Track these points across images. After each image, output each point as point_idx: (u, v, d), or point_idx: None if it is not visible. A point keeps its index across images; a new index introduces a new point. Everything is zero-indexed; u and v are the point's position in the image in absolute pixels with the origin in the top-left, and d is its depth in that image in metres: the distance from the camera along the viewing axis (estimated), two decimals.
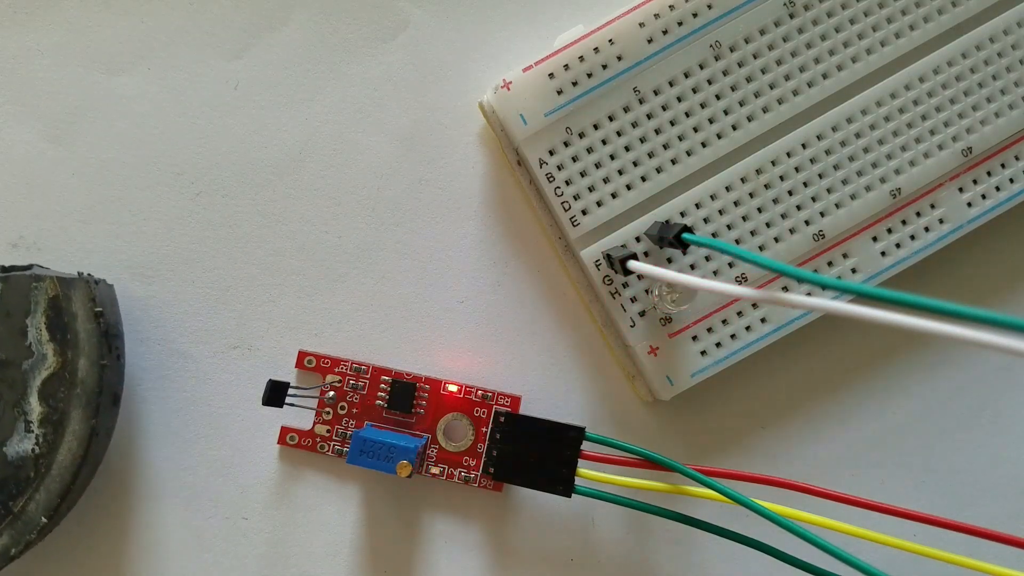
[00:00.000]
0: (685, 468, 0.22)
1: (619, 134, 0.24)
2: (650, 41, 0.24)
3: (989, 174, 0.25)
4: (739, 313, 0.24)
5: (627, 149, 0.24)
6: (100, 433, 0.23)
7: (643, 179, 0.24)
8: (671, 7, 0.24)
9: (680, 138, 0.24)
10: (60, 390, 0.22)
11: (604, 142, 0.24)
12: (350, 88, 0.26)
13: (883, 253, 0.24)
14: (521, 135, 0.24)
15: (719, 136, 0.24)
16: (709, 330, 0.24)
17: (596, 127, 0.24)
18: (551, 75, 0.24)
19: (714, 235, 0.24)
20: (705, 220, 0.24)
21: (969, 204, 0.24)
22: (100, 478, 0.25)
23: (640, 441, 0.25)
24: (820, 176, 0.24)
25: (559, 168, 0.24)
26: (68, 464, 0.22)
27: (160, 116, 0.26)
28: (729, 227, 0.24)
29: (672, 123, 0.24)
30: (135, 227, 0.26)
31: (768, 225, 0.24)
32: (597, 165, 0.24)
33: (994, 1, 0.24)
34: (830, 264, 0.24)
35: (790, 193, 0.24)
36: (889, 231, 0.24)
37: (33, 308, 0.23)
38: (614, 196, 0.24)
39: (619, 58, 0.24)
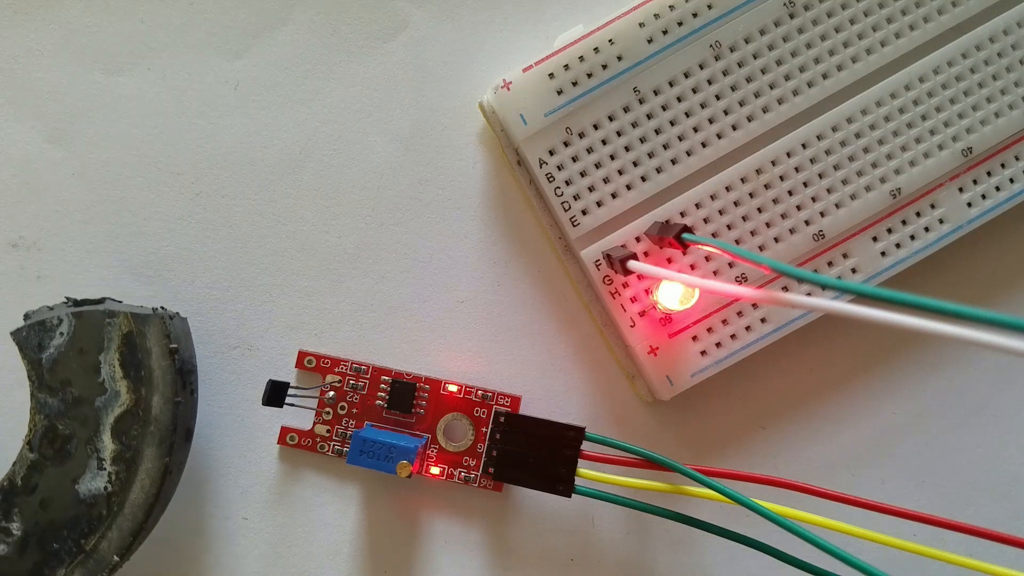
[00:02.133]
0: (685, 468, 0.22)
1: (619, 134, 0.24)
2: (650, 41, 0.24)
3: (989, 174, 0.25)
4: (739, 313, 0.24)
5: (627, 149, 0.24)
6: (173, 471, 0.23)
7: (643, 179, 0.24)
8: (671, 7, 0.24)
9: (680, 138, 0.24)
10: (133, 428, 0.22)
11: (604, 142, 0.24)
12: (350, 88, 0.26)
13: (883, 253, 0.24)
14: (521, 135, 0.24)
15: (719, 136, 0.24)
16: (709, 330, 0.24)
17: (596, 127, 0.24)
18: (551, 75, 0.24)
19: (714, 235, 0.24)
20: (705, 220, 0.24)
21: (969, 204, 0.24)
22: (170, 511, 0.25)
23: (640, 441, 0.25)
24: (820, 176, 0.24)
25: (559, 168, 0.24)
26: (141, 503, 0.22)
27: (160, 116, 0.26)
28: (729, 227, 0.24)
29: (672, 123, 0.24)
30: (135, 227, 0.26)
31: (768, 225, 0.24)
32: (597, 165, 0.24)
33: (994, 1, 0.24)
34: (830, 264, 0.24)
35: (790, 193, 0.24)
36: (889, 231, 0.24)
37: (107, 345, 0.22)
38: (614, 196, 0.24)
39: (619, 58, 0.24)
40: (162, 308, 0.24)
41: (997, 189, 0.25)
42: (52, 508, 0.22)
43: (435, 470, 0.25)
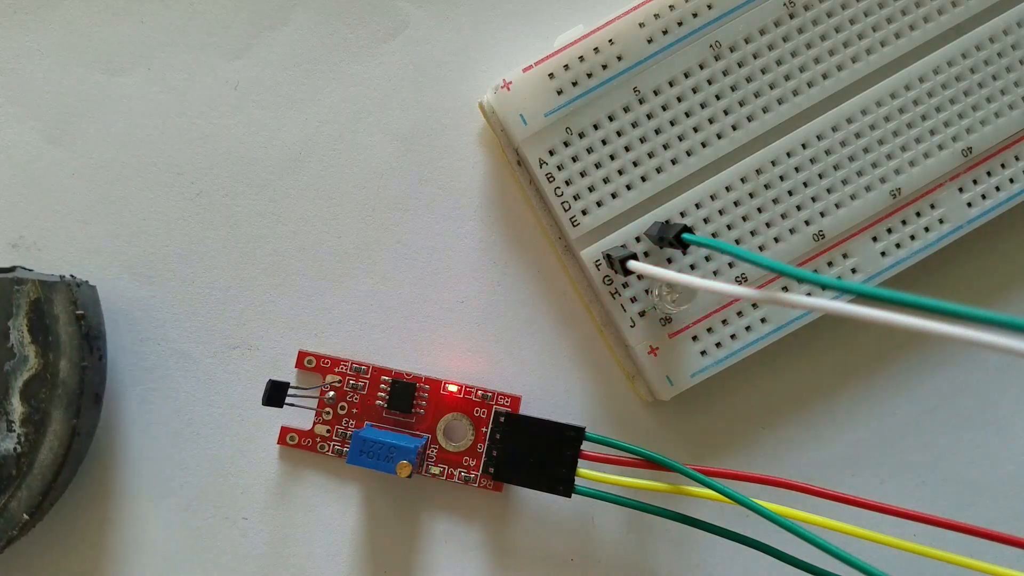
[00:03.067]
0: (685, 468, 0.22)
1: (619, 134, 0.24)
2: (650, 41, 0.24)
3: (989, 174, 0.25)
4: (739, 313, 0.24)
5: (627, 149, 0.24)
6: (81, 433, 0.23)
7: (643, 179, 0.24)
8: (671, 7, 0.24)
9: (680, 138, 0.24)
10: (42, 391, 0.23)
11: (604, 142, 0.24)
12: (350, 88, 0.26)
13: (883, 253, 0.24)
14: (521, 135, 0.24)
15: (719, 136, 0.24)
16: (709, 330, 0.24)
17: (596, 127, 0.24)
18: (551, 75, 0.24)
19: (714, 235, 0.24)
20: (705, 220, 0.24)
21: (969, 204, 0.24)
22: (85, 475, 0.25)
23: (640, 441, 0.25)
24: (820, 176, 0.24)
25: (559, 168, 0.24)
26: (50, 463, 0.23)
27: (160, 116, 0.26)
28: (729, 227, 0.24)
29: (672, 123, 0.24)
30: (135, 227, 0.26)
31: (768, 225, 0.24)
32: (597, 165, 0.24)
33: (994, 1, 0.24)
34: (830, 264, 0.24)
35: (790, 193, 0.24)
36: (889, 231, 0.24)
37: (15, 311, 0.23)
38: (614, 196, 0.24)
39: (619, 58, 0.24)
40: (71, 276, 0.24)
41: (997, 189, 0.25)
42: None
43: (435, 470, 0.25)
